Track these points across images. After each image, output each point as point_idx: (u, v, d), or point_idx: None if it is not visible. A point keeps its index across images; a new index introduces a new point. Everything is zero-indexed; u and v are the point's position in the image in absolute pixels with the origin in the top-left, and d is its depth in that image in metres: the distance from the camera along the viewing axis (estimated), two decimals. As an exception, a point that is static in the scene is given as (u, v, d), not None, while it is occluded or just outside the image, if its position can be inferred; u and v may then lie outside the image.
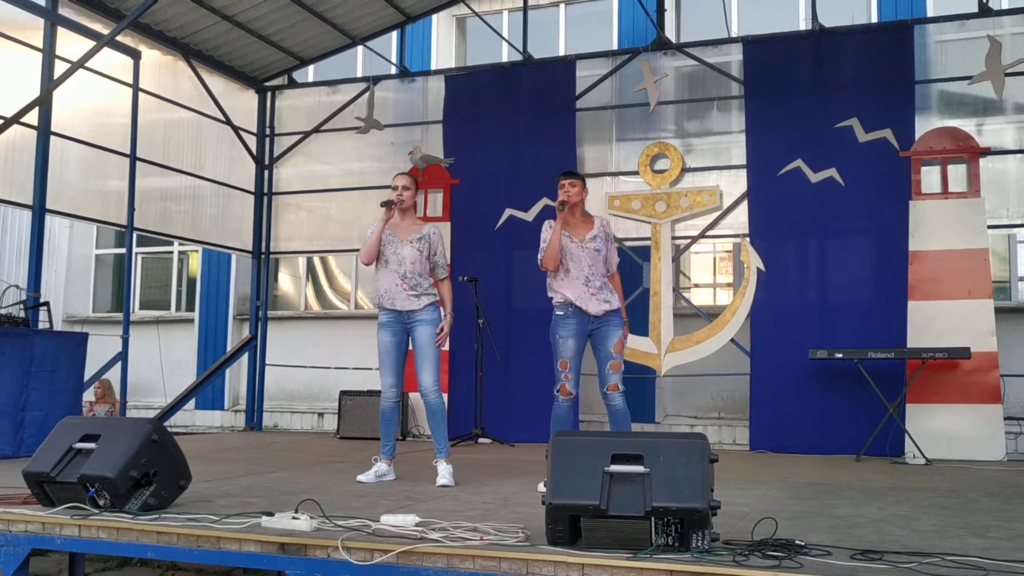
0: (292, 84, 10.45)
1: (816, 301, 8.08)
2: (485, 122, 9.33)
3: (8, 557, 3.63)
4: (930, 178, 7.80)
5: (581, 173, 6.21)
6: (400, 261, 5.30)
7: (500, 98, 9.34)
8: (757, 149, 8.39)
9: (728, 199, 8.54)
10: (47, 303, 7.53)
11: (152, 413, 9.68)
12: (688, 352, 8.46)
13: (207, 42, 9.27)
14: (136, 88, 8.48)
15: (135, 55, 8.47)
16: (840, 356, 7.38)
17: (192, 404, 11.04)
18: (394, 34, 10.23)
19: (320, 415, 11.06)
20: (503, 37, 10.35)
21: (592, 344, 5.09)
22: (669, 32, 9.69)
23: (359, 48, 10.44)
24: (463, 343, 8.59)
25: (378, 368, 5.36)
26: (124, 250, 8.80)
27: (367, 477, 5.24)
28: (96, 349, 7.67)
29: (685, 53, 8.92)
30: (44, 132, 7.55)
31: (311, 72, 11.03)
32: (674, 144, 8.79)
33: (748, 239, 8.33)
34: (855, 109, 8.07)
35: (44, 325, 7.30)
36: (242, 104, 10.17)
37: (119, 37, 7.87)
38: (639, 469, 3.07)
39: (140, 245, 12.11)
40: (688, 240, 8.80)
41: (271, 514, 3.52)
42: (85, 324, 11.95)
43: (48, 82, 7.54)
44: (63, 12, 7.79)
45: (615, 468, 3.10)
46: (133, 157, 8.41)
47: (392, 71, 10.24)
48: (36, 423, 6.61)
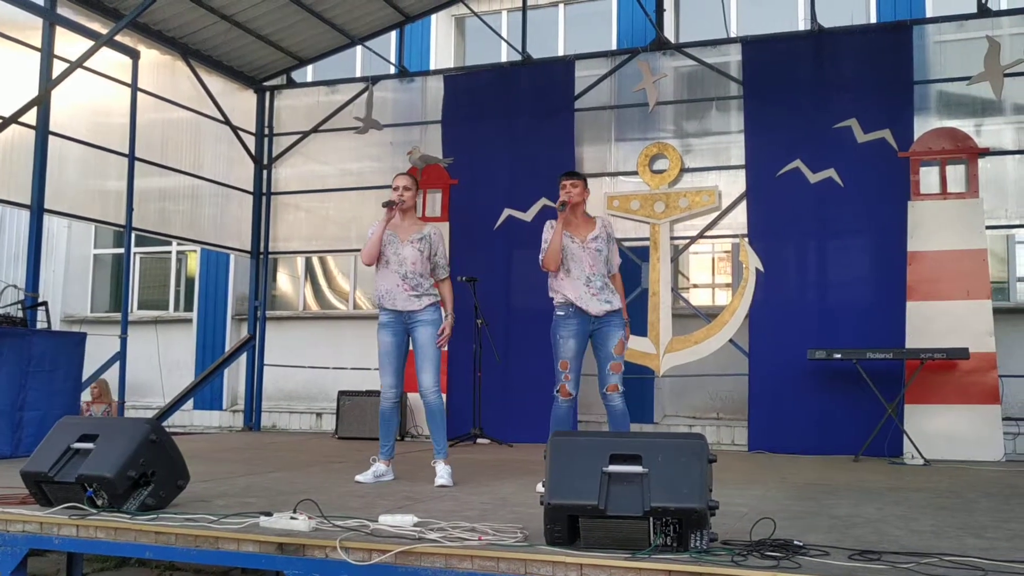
0: (291, 84, 10.45)
1: (815, 301, 8.07)
2: (484, 122, 9.32)
3: (6, 557, 3.62)
4: (929, 178, 7.80)
5: (582, 173, 6.20)
6: (401, 261, 5.29)
7: (499, 98, 9.34)
8: (756, 149, 8.40)
9: (727, 199, 8.55)
10: (45, 303, 7.52)
11: (150, 413, 9.67)
12: (687, 352, 8.46)
13: (206, 42, 9.26)
14: (135, 88, 8.48)
15: (134, 55, 8.46)
16: (839, 356, 7.38)
17: (190, 404, 11.03)
18: (393, 34, 10.24)
19: (318, 415, 11.06)
20: (502, 37, 10.35)
21: (593, 344, 5.10)
22: (668, 32, 9.69)
23: (358, 48, 10.44)
24: (462, 343, 8.57)
25: (377, 368, 5.35)
26: (122, 250, 8.79)
27: (365, 477, 5.23)
28: (94, 349, 7.67)
29: (684, 53, 8.92)
30: (43, 132, 7.55)
31: (310, 72, 11.03)
32: (673, 144, 8.79)
33: (747, 239, 8.33)
34: (854, 109, 8.07)
35: (42, 325, 7.30)
36: (241, 104, 10.17)
37: (118, 37, 7.88)
38: (637, 469, 3.07)
39: (138, 245, 12.09)
40: (687, 240, 8.80)
41: (269, 514, 3.52)
42: (83, 324, 11.94)
43: (47, 82, 7.54)
44: (62, 11, 7.79)
45: (613, 468, 3.09)
46: (132, 157, 8.41)
47: (391, 71, 10.24)
48: (34, 423, 6.62)
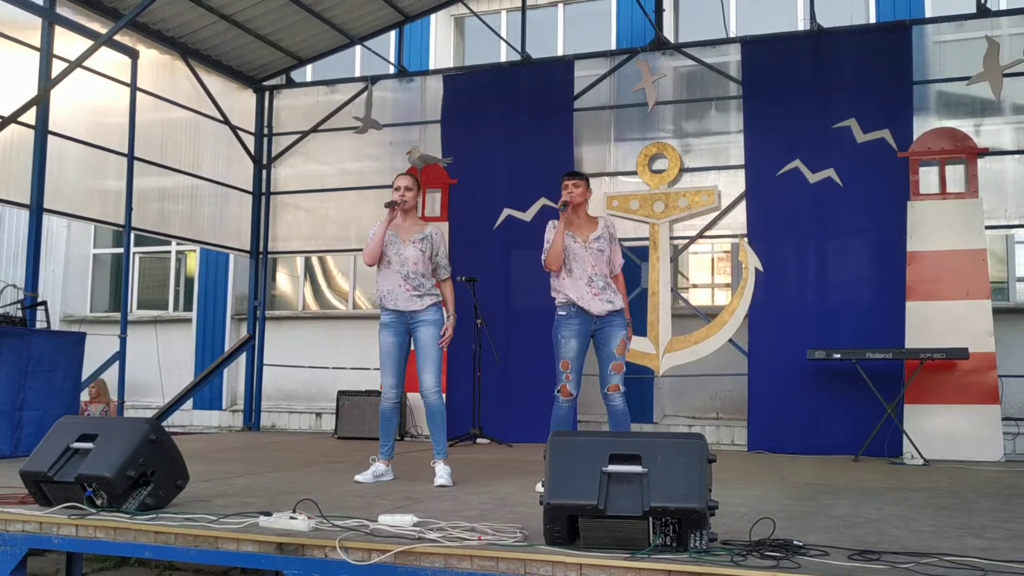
0: (290, 84, 10.44)
1: (814, 301, 8.07)
2: (483, 122, 9.32)
3: (5, 557, 3.62)
4: (928, 178, 7.80)
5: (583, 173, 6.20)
6: (402, 262, 5.28)
7: (498, 98, 9.33)
8: (755, 149, 8.39)
9: (726, 199, 8.55)
10: (45, 303, 7.52)
11: (150, 413, 9.67)
12: (686, 352, 8.45)
13: (205, 41, 9.26)
14: (134, 87, 8.47)
15: (133, 54, 8.46)
16: (838, 356, 7.37)
17: (190, 404, 11.03)
18: (392, 34, 10.24)
19: (318, 415, 11.05)
20: (501, 37, 10.35)
21: (595, 345, 5.10)
22: (667, 32, 9.68)
23: (357, 48, 10.43)
24: (462, 343, 8.52)
25: (377, 368, 5.35)
26: (122, 250, 8.77)
27: (365, 477, 5.23)
28: (94, 349, 7.67)
29: (683, 53, 8.92)
30: (42, 131, 7.54)
31: (309, 72, 11.02)
32: (672, 144, 8.79)
33: (746, 239, 8.33)
34: (853, 109, 8.07)
35: (42, 325, 7.29)
36: (240, 104, 10.16)
37: (117, 36, 7.87)
38: (637, 469, 3.07)
39: (138, 245, 12.08)
40: (686, 240, 8.80)
41: (269, 514, 3.52)
42: (83, 324, 11.94)
43: (46, 81, 7.53)
44: (61, 11, 7.78)
45: (613, 468, 3.09)
46: (131, 157, 8.40)
47: (390, 71, 10.24)
48: (33, 423, 6.61)
